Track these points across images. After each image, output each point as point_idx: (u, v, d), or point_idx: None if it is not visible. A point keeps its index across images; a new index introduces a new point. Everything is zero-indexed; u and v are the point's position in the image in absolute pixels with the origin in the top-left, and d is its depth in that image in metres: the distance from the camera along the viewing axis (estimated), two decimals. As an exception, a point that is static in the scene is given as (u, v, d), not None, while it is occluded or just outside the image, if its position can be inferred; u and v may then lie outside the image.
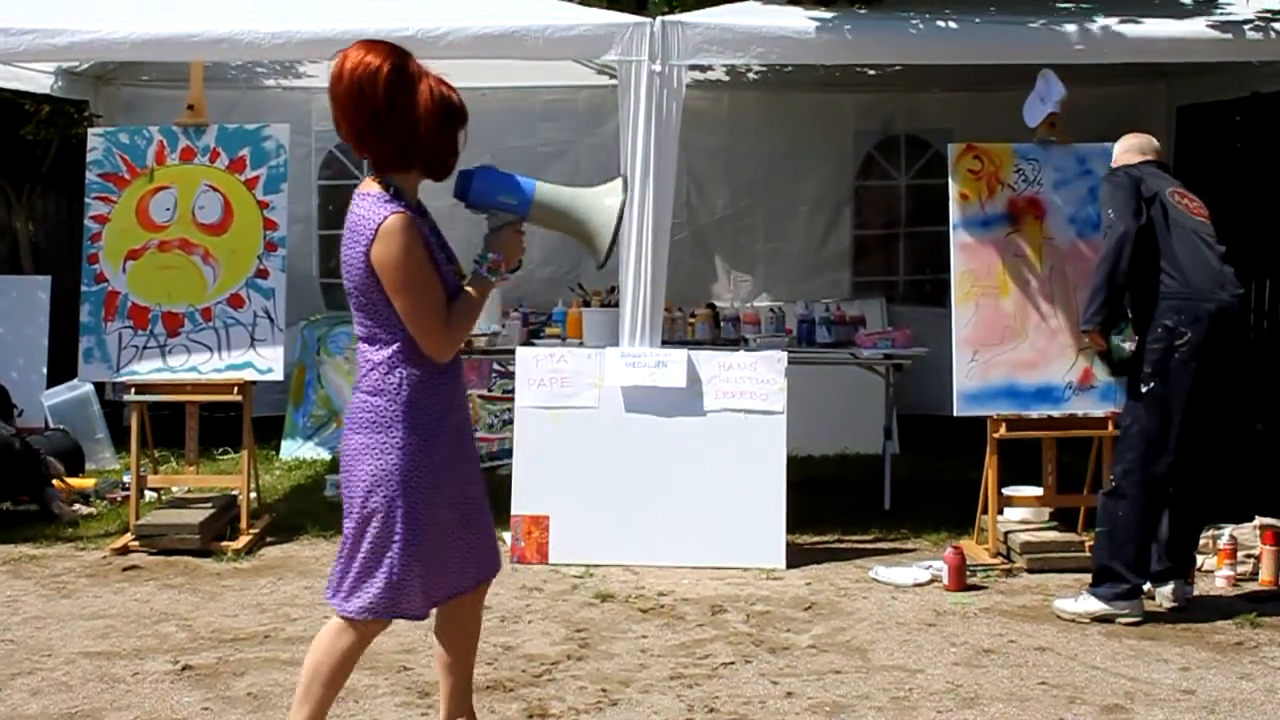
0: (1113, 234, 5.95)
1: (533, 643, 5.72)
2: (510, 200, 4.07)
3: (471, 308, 3.96)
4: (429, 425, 3.89)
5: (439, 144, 3.94)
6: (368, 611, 3.92)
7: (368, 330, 3.91)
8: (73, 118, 10.42)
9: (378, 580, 3.90)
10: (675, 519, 7.00)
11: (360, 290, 3.86)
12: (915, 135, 10.72)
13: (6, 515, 7.99)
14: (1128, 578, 5.97)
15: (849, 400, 9.35)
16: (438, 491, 3.92)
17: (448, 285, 3.92)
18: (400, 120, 3.83)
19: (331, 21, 7.20)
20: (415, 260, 3.81)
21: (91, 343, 7.45)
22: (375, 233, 3.78)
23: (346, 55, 3.84)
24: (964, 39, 7.21)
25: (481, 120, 10.55)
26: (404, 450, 3.86)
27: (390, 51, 3.87)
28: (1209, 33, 7.14)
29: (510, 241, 4.12)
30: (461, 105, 4.00)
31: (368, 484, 3.88)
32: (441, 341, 3.87)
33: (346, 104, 3.83)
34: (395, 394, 3.87)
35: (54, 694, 5.10)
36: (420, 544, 3.90)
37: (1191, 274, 5.93)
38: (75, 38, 7.19)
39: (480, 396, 9.97)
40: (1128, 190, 5.99)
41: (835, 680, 5.25)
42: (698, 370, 7.13)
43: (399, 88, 3.82)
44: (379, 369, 3.89)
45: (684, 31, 7.15)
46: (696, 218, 10.62)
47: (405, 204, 3.87)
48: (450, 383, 4.00)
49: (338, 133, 3.95)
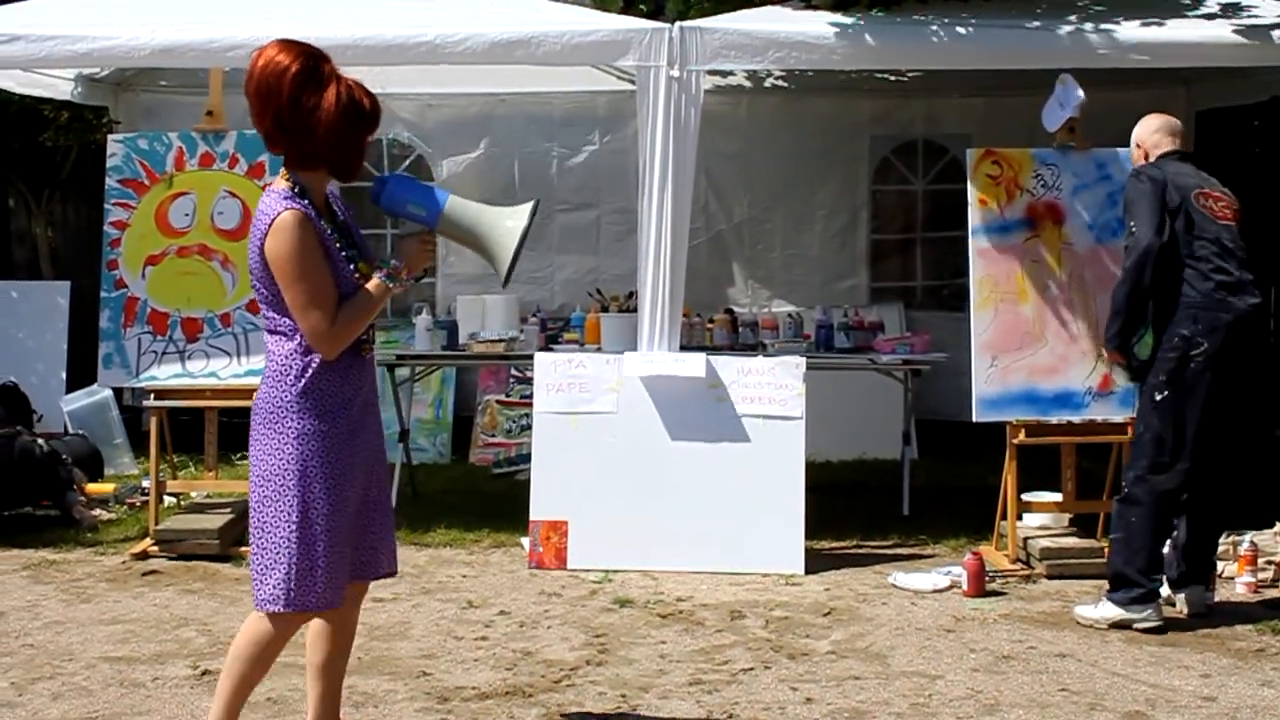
0: (1135, 250, 5.91)
1: (552, 648, 5.71)
2: (419, 211, 4.15)
3: (364, 308, 3.99)
4: (327, 417, 3.96)
5: (344, 147, 3.96)
6: (269, 603, 3.97)
7: (271, 322, 3.99)
8: (92, 124, 10.46)
9: (277, 572, 3.95)
10: (694, 524, 6.99)
11: (260, 282, 3.95)
12: (933, 140, 10.70)
13: (27, 520, 8.02)
14: (1141, 583, 5.95)
15: (867, 406, 9.34)
16: (336, 483, 3.97)
17: (343, 284, 3.96)
18: (305, 121, 3.87)
19: (350, 28, 7.22)
20: (303, 256, 3.86)
21: (111, 348, 7.46)
22: (269, 227, 3.86)
23: (261, 53, 3.90)
24: (982, 44, 7.19)
25: (500, 125, 10.79)
26: (300, 441, 3.93)
27: (303, 52, 3.91)
28: (1231, 37, 7.11)
29: (415, 250, 4.20)
30: (373, 110, 4.00)
31: (266, 474, 3.95)
32: (326, 338, 3.91)
33: (255, 102, 3.90)
34: (294, 385, 3.94)
35: (74, 699, 5.11)
36: (319, 535, 3.94)
37: (1210, 283, 5.90)
38: (96, 44, 7.23)
39: (498, 402, 10.00)
40: (1152, 199, 5.94)
41: (855, 686, 5.24)
42: (717, 375, 7.12)
43: (306, 88, 3.86)
44: (281, 360, 3.96)
45: (702, 37, 7.15)
46: (714, 223, 10.62)
47: (306, 201, 3.92)
48: (354, 377, 4.04)
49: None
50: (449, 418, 10.20)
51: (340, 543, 4.01)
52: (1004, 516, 7.14)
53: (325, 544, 3.96)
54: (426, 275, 4.42)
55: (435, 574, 6.94)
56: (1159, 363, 5.94)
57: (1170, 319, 5.93)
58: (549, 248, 10.67)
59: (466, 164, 10.64)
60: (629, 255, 9.71)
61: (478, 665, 5.49)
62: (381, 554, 4.24)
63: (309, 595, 3.98)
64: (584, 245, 10.67)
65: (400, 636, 5.89)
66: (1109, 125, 7.31)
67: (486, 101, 10.56)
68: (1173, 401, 5.91)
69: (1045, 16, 7.36)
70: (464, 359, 8.70)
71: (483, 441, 9.92)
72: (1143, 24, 7.15)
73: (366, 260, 4.09)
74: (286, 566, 3.94)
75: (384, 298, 4.05)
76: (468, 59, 7.21)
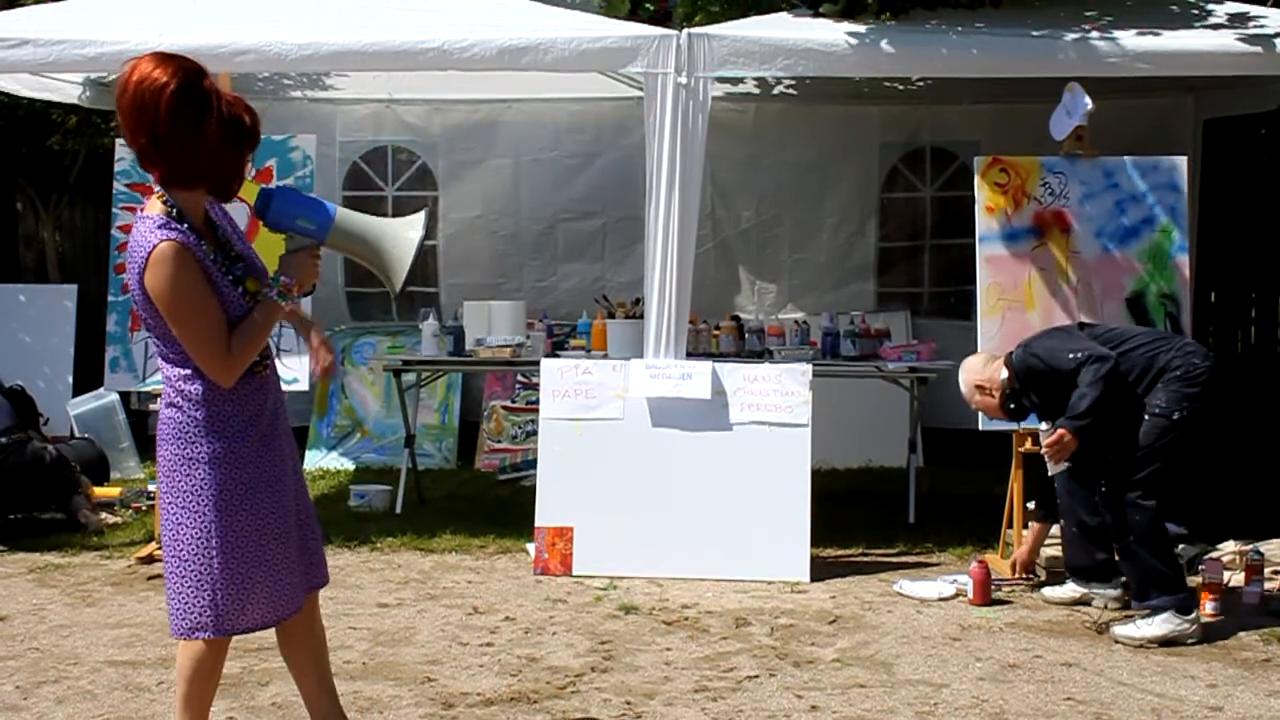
0: (1100, 366, 5.90)
1: (557, 654, 5.71)
2: (308, 225, 4.00)
3: (256, 331, 3.85)
4: (234, 435, 3.85)
5: (222, 165, 3.83)
6: (197, 630, 3.89)
7: (162, 349, 3.86)
8: (100, 128, 10.48)
9: (203, 598, 3.86)
10: (699, 531, 6.99)
11: (145, 313, 3.81)
12: (941, 147, 10.69)
13: (33, 524, 8.03)
14: (1180, 586, 5.93)
15: (874, 413, 9.35)
16: (253, 501, 3.88)
17: (231, 307, 3.83)
18: (181, 139, 3.73)
19: (358, 34, 7.24)
20: (185, 289, 3.72)
21: (117, 352, 7.48)
22: (146, 260, 3.72)
23: (135, 66, 3.74)
24: (991, 52, 7.19)
25: (506, 132, 10.79)
26: (211, 464, 3.82)
27: (180, 68, 3.75)
28: (1238, 46, 7.10)
29: (303, 265, 4.00)
30: (253, 127, 3.87)
31: (179, 499, 3.84)
32: (221, 367, 3.79)
33: (128, 118, 3.75)
34: (196, 407, 3.82)
35: (79, 702, 5.12)
36: (240, 557, 3.85)
37: None
38: (104, 49, 7.23)
39: (504, 408, 10.01)
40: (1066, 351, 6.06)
41: (860, 694, 5.23)
42: (722, 382, 7.12)
43: (182, 106, 3.71)
44: (178, 383, 3.84)
45: (710, 43, 7.15)
46: (722, 229, 10.62)
47: (184, 226, 3.78)
48: (257, 395, 3.93)
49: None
50: (455, 423, 10.20)
51: (279, 555, 3.94)
52: (1010, 525, 7.13)
53: (249, 564, 3.87)
54: (316, 289, 4.29)
55: (440, 579, 6.94)
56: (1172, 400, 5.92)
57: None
58: (554, 255, 10.68)
59: (472, 170, 10.65)
60: (635, 263, 9.74)
61: (483, 671, 5.48)
62: (320, 560, 4.18)
63: (239, 618, 3.90)
64: (590, 252, 10.67)
65: (405, 642, 5.89)
66: (1117, 134, 7.32)
67: (493, 108, 10.57)
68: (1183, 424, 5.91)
69: (1052, 25, 7.36)
70: (470, 364, 8.70)
71: (488, 447, 9.92)
72: (1150, 33, 7.14)
73: (254, 275, 3.96)
74: (212, 592, 3.84)
75: (276, 317, 3.93)
76: (475, 65, 7.21)
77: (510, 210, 10.71)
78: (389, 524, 8.02)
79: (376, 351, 10.13)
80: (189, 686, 3.98)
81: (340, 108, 10.56)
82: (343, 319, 10.60)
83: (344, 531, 7.73)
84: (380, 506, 8.51)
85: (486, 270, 10.70)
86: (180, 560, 3.86)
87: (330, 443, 10.04)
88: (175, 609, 3.90)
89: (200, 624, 3.88)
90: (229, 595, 3.86)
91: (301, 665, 4.25)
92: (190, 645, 3.94)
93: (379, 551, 7.51)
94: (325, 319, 9.95)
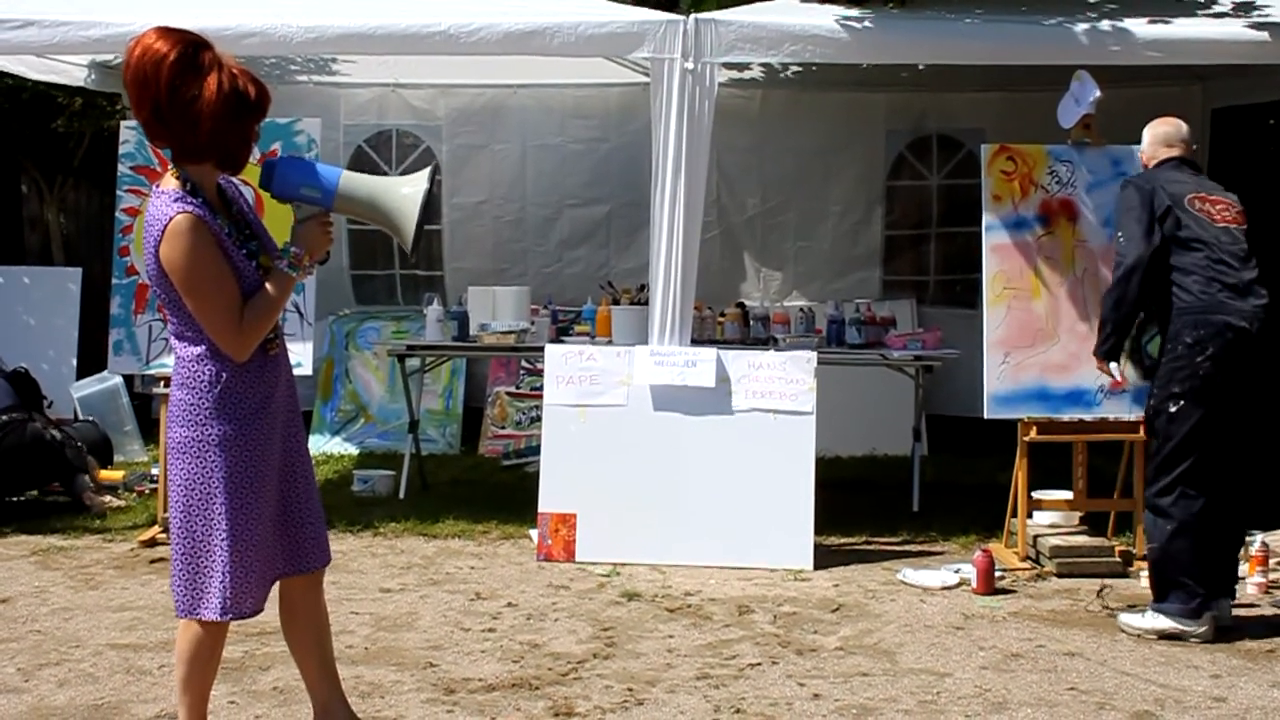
0: (1123, 263, 5.85)
1: (559, 641, 5.70)
2: (313, 192, 3.96)
3: (269, 305, 3.85)
4: (245, 419, 3.85)
5: (229, 137, 3.81)
6: (207, 611, 3.88)
7: (176, 327, 3.86)
8: (105, 110, 10.47)
9: (212, 581, 3.86)
10: (703, 518, 6.98)
11: (160, 289, 3.81)
12: (948, 135, 10.66)
13: (36, 506, 8.04)
14: (1196, 591, 5.78)
15: (878, 401, 9.32)
16: (260, 485, 3.88)
17: (246, 282, 3.83)
18: (183, 111, 3.72)
19: (364, 17, 7.22)
20: (201, 261, 3.73)
21: (121, 335, 7.47)
22: (162, 233, 3.71)
23: (138, 41, 3.75)
24: (998, 39, 7.16)
25: (512, 117, 10.76)
26: (221, 446, 3.82)
27: (182, 40, 3.76)
28: (1246, 34, 7.08)
29: (314, 234, 3.99)
30: (259, 98, 3.84)
31: (189, 482, 3.84)
32: (235, 342, 3.80)
33: (132, 92, 3.76)
34: (208, 389, 3.82)
35: (81, 685, 5.12)
36: (247, 540, 3.86)
37: (1206, 288, 5.79)
38: (109, 30, 7.22)
39: (508, 394, 9.99)
40: (1139, 210, 5.84)
41: (863, 683, 5.22)
42: (727, 370, 7.10)
43: (183, 77, 3.71)
44: (190, 364, 3.84)
45: (717, 29, 7.13)
46: (727, 216, 10.60)
47: (199, 200, 3.79)
48: (269, 376, 3.93)
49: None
50: (459, 409, 10.20)
51: (268, 545, 3.95)
52: (1014, 514, 7.11)
53: (255, 547, 3.89)
54: (329, 259, 4.25)
55: (443, 565, 6.93)
56: (1167, 374, 5.85)
57: (1169, 326, 5.85)
58: (559, 241, 10.66)
59: (477, 155, 10.63)
60: (640, 249, 9.72)
61: (485, 657, 5.48)
62: (315, 546, 4.16)
63: (245, 601, 3.91)
64: (595, 238, 10.65)
65: (407, 627, 5.88)
66: (1124, 122, 7.27)
67: (498, 92, 10.55)
68: (1188, 410, 5.80)
69: (1060, 12, 7.33)
70: (474, 350, 8.69)
71: (492, 433, 9.91)
72: (1158, 21, 7.11)
73: (267, 251, 3.97)
74: (222, 574, 3.85)
75: (288, 289, 3.92)
76: (481, 49, 7.19)
77: (515, 195, 10.68)
78: (392, 509, 8.02)
79: (381, 336, 10.12)
80: (188, 669, 3.98)
81: (345, 91, 10.53)
82: (347, 303, 10.59)
83: (348, 516, 7.73)
84: (383, 492, 8.51)
85: (491, 255, 10.68)
86: (191, 541, 3.87)
87: (334, 427, 10.04)
88: (181, 590, 3.90)
89: (209, 605, 3.88)
90: (236, 578, 3.87)
91: (304, 649, 4.24)
92: (190, 628, 3.94)
93: (382, 536, 7.51)
94: (329, 304, 9.94)
